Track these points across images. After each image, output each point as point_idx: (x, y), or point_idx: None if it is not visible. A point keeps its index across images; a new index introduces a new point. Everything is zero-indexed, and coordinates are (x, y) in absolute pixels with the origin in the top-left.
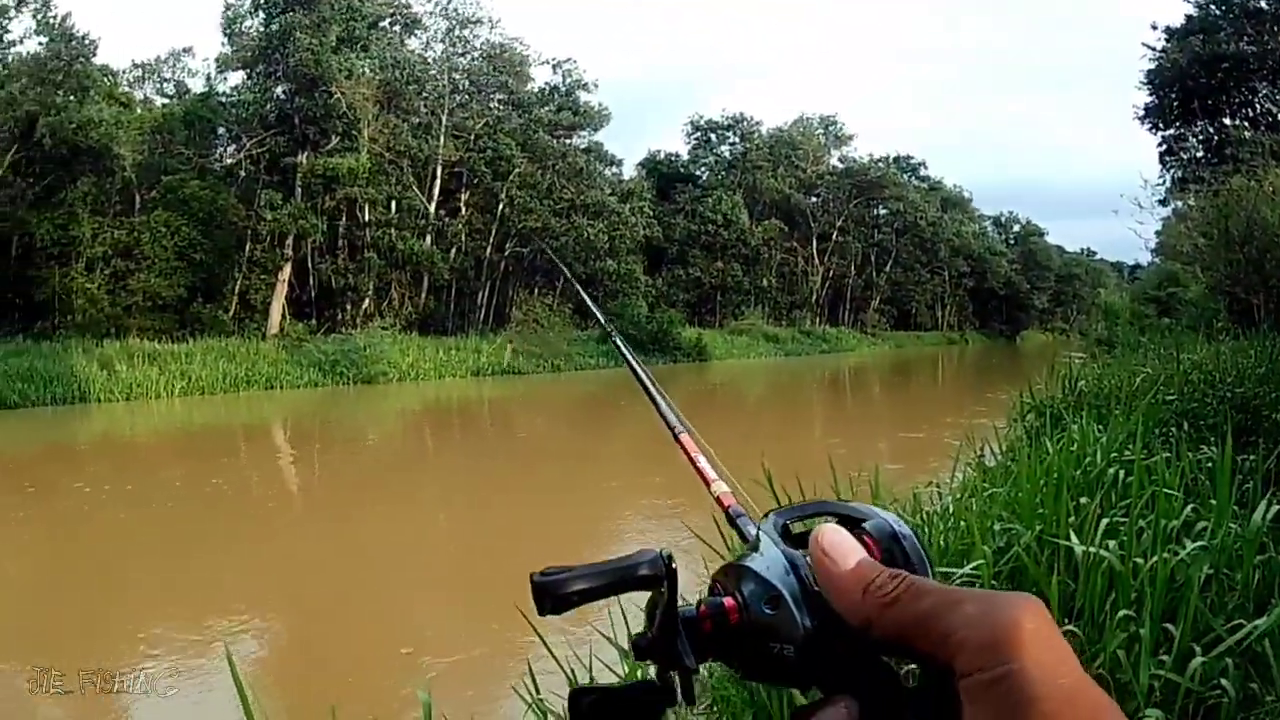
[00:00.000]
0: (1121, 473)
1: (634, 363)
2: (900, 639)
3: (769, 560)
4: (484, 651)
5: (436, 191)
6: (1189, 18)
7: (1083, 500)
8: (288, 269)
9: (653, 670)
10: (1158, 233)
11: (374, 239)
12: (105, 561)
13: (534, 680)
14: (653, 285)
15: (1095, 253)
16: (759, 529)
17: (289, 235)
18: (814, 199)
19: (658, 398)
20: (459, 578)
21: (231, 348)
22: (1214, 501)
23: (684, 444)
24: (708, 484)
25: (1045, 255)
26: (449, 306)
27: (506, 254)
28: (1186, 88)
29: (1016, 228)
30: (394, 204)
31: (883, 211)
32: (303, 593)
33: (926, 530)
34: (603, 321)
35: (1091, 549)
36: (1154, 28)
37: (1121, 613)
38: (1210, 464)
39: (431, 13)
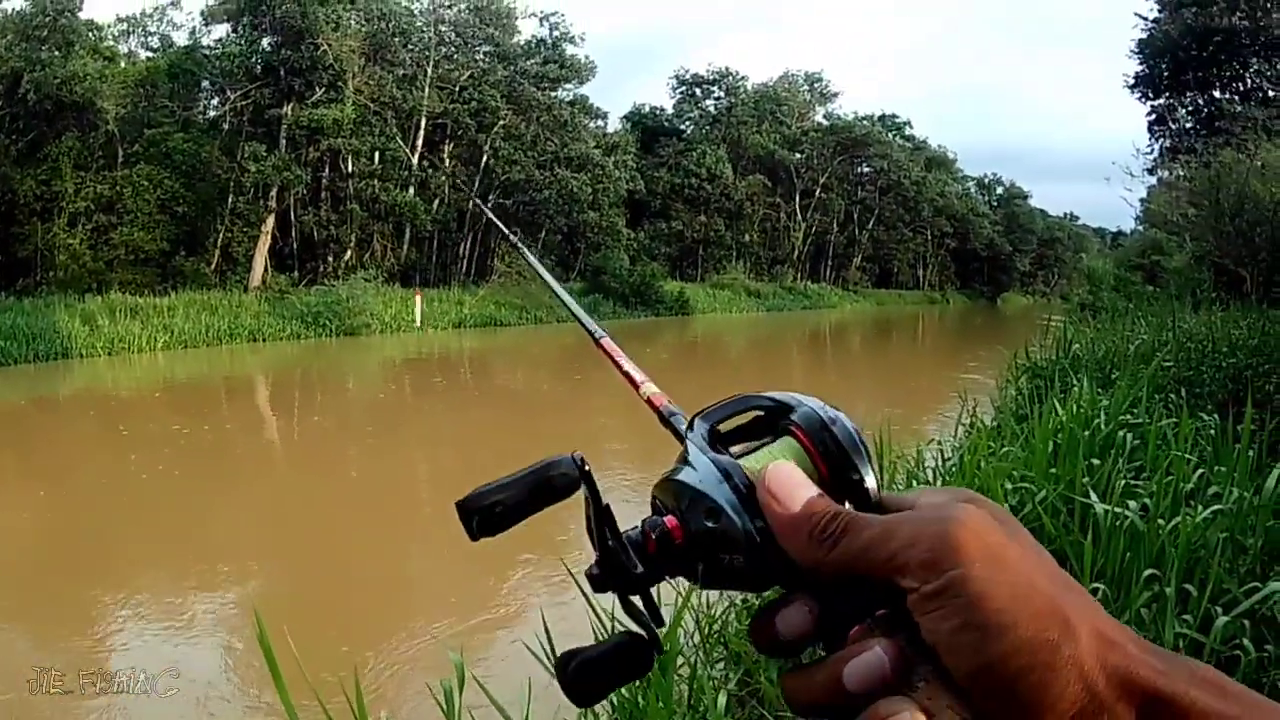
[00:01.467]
0: (1129, 436)
1: (543, 271)
2: (850, 573)
3: (701, 472)
4: (482, 602)
5: (420, 143)
6: None
7: (1094, 462)
8: (270, 221)
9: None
10: (1143, 200)
11: (357, 190)
12: (97, 518)
13: (549, 636)
14: (634, 238)
15: (1078, 218)
16: (686, 438)
17: (272, 187)
18: (798, 155)
19: (572, 304)
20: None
21: (214, 300)
22: (1220, 467)
23: (606, 348)
24: (636, 386)
25: (1028, 218)
26: (431, 258)
27: (489, 205)
28: (1178, 59)
29: (1000, 190)
30: (377, 155)
31: (866, 169)
32: (302, 547)
33: (937, 487)
34: (506, 232)
35: (1115, 509)
36: None
37: (1147, 572)
38: (1212, 431)
39: None
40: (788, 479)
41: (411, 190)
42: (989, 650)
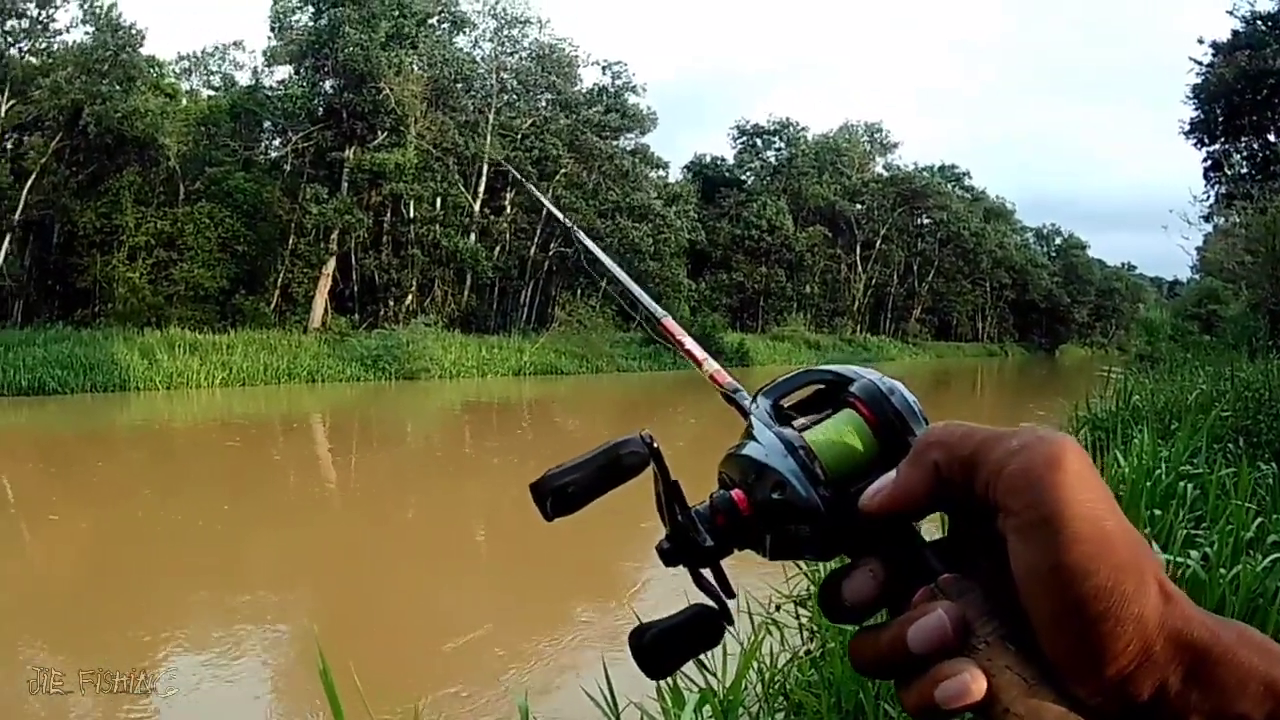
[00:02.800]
0: (1189, 486)
1: (599, 252)
2: (959, 475)
3: (766, 446)
4: (540, 643)
5: (482, 189)
6: (1235, 33)
7: (1156, 512)
8: (331, 263)
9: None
10: (1199, 248)
11: (418, 235)
12: (144, 550)
13: (609, 682)
14: (695, 289)
15: (1135, 267)
16: (750, 414)
17: (334, 230)
18: (858, 206)
19: (635, 287)
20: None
21: (273, 340)
22: (1278, 516)
23: (669, 328)
24: (699, 364)
25: (1086, 269)
26: (492, 305)
27: (550, 253)
28: (1232, 103)
29: (1058, 240)
30: (439, 201)
31: (926, 220)
32: (358, 583)
33: None
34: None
35: (1177, 558)
36: (1200, 42)
37: None
38: (1271, 480)
39: (480, 11)
40: (873, 485)
41: (473, 237)
42: (1071, 594)
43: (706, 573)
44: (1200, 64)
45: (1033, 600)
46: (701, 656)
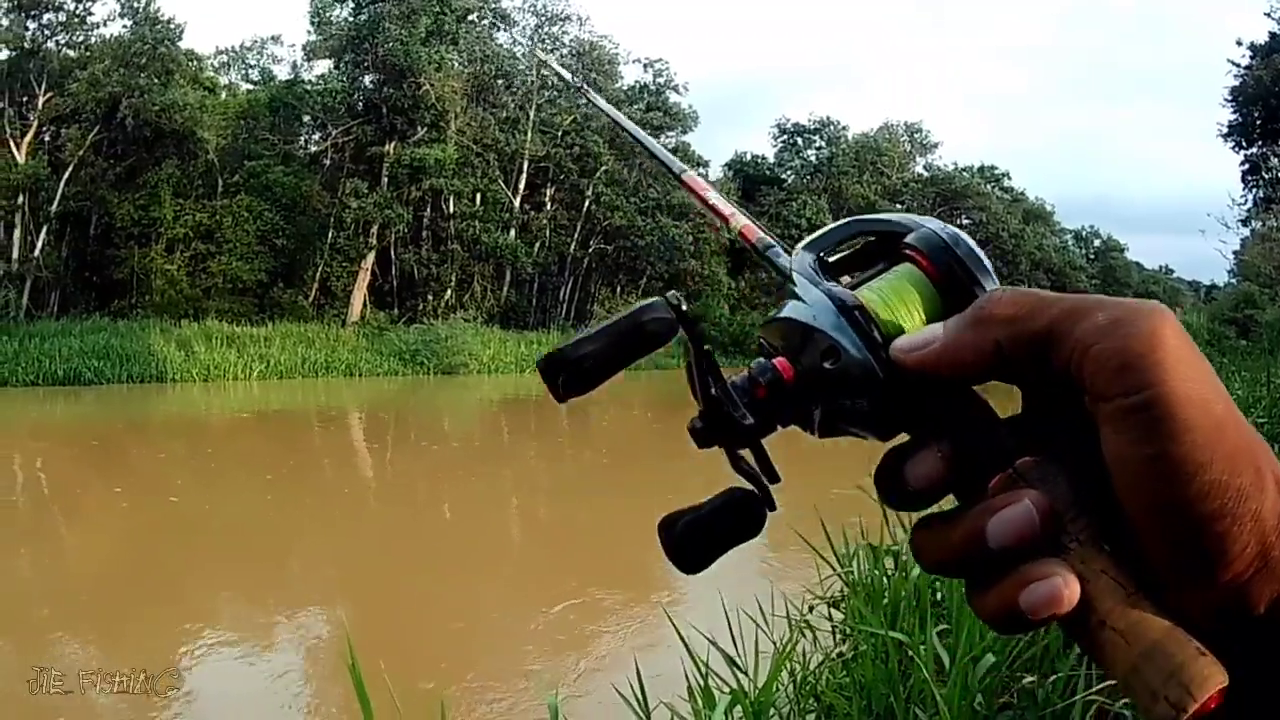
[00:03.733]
0: None
1: (611, 111)
2: (1029, 358)
3: (814, 306)
4: (570, 641)
5: (522, 186)
6: (1273, 35)
7: None
8: (371, 257)
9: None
10: (1236, 252)
11: (458, 230)
12: (177, 540)
13: (640, 680)
14: (735, 288)
15: (1173, 270)
16: (791, 268)
17: (373, 224)
18: (898, 206)
19: (650, 142)
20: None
21: (311, 333)
22: None
23: (689, 183)
24: (725, 220)
25: (1125, 272)
26: (531, 301)
27: (590, 250)
28: (1270, 106)
29: (1097, 243)
30: (479, 196)
31: (966, 221)
32: (388, 578)
33: None
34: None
35: None
36: (1239, 44)
37: None
38: None
39: (520, 8)
40: (911, 337)
41: (513, 233)
42: (1181, 488)
43: (745, 454)
44: (1238, 66)
45: (1132, 496)
46: (734, 656)
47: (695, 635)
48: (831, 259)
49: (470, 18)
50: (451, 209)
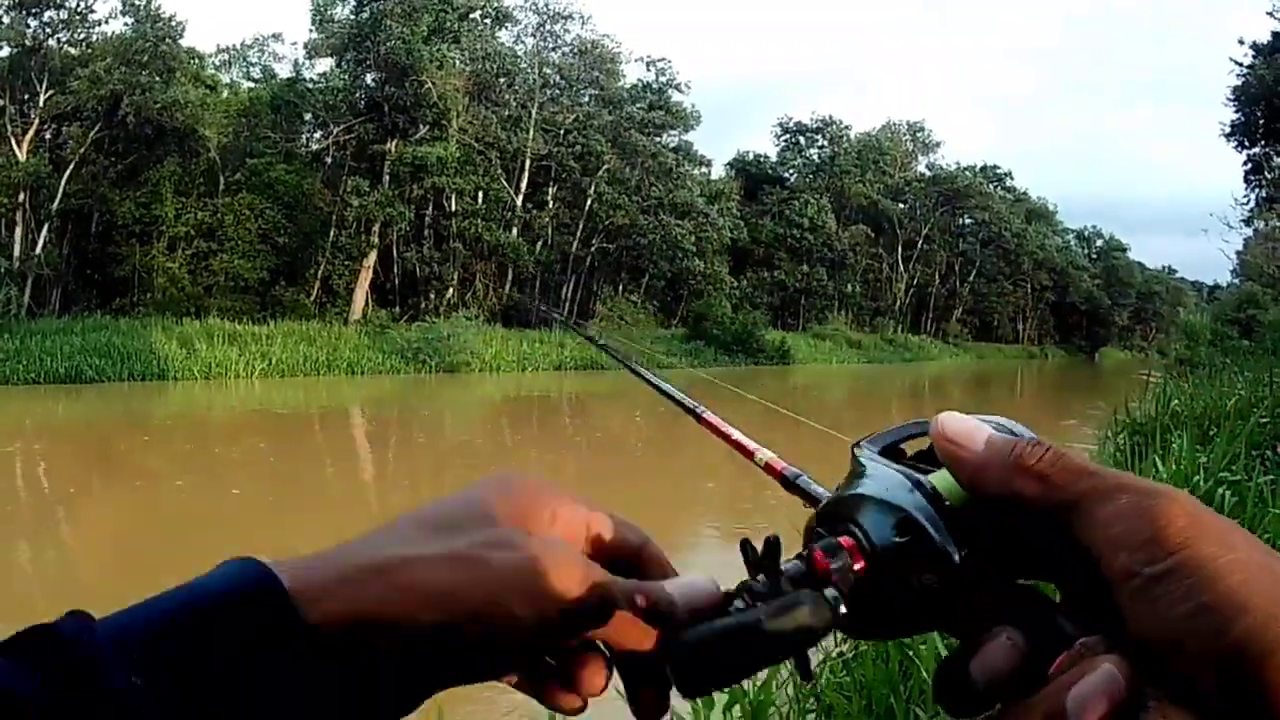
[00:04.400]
0: (1227, 494)
1: (623, 359)
2: (1048, 526)
3: (885, 481)
4: None
5: (524, 184)
6: (1276, 34)
7: None
8: (372, 256)
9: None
10: (1239, 252)
11: (460, 229)
12: (175, 539)
13: None
14: (737, 287)
15: (1176, 271)
16: (856, 454)
17: (375, 222)
18: (901, 206)
19: (664, 385)
20: None
21: (313, 331)
22: None
23: (710, 421)
24: (750, 455)
25: (1128, 272)
26: (533, 299)
27: (593, 249)
28: (1273, 105)
29: (1100, 243)
30: (481, 195)
31: (968, 221)
32: None
33: None
34: (593, 338)
35: None
36: (1241, 43)
37: None
38: None
39: (522, 6)
40: (964, 421)
41: (515, 231)
42: (1231, 632)
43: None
44: (1240, 65)
45: (1182, 655)
46: None
47: None
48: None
49: (471, 16)
50: (453, 207)
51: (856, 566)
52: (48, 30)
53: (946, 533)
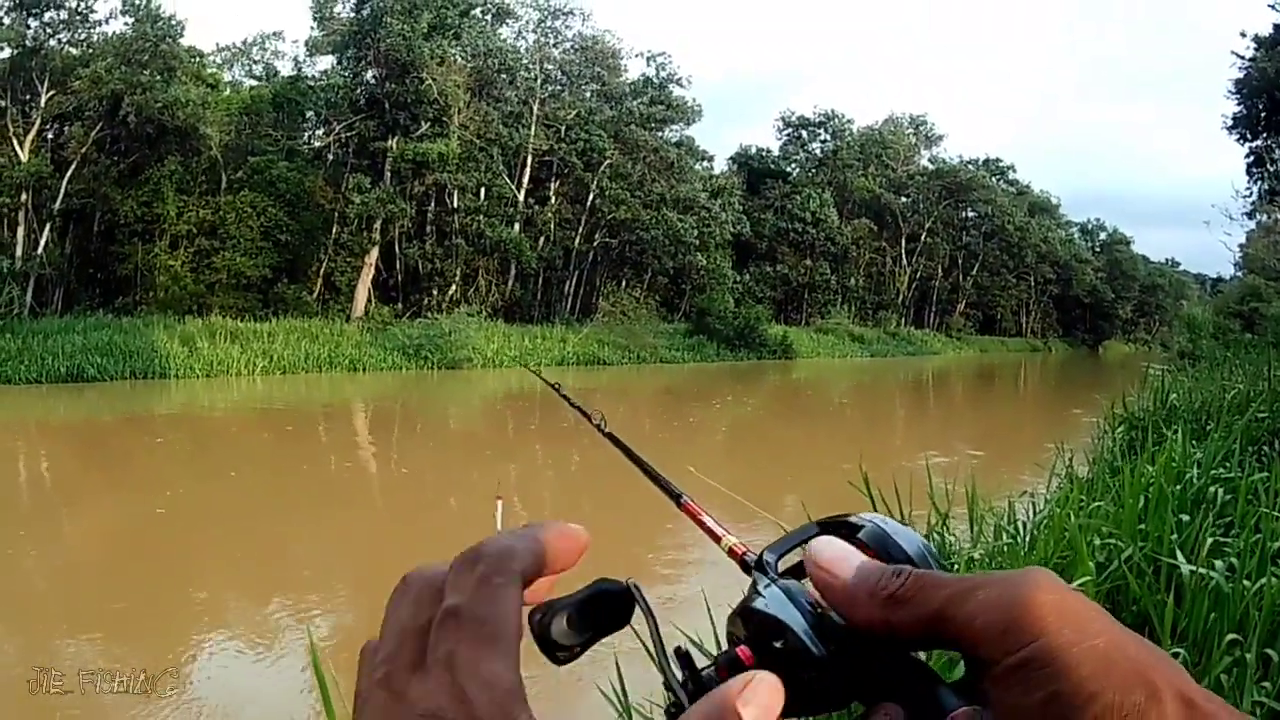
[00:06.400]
0: (1220, 490)
1: (629, 447)
2: (925, 636)
3: (768, 597)
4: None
5: (526, 180)
6: (1278, 27)
7: (1184, 518)
8: (374, 252)
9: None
10: (1241, 245)
11: (462, 225)
12: (178, 538)
13: (621, 681)
14: (740, 281)
15: (1179, 264)
16: (753, 572)
17: (377, 219)
18: (904, 199)
19: (647, 463)
20: None
21: (315, 328)
22: None
23: (688, 509)
24: (717, 539)
25: (1131, 265)
26: (535, 295)
27: (595, 244)
28: (1275, 98)
29: (1103, 235)
30: (483, 191)
31: (971, 214)
32: (381, 577)
33: (1025, 541)
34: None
35: (1200, 569)
36: (1243, 35)
37: (1229, 636)
38: None
39: (523, 3)
40: (834, 549)
41: (517, 227)
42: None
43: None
44: (1242, 58)
45: None
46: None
47: (678, 635)
48: (796, 556)
49: (472, 12)
50: (455, 203)
51: (749, 666)
52: (48, 31)
53: (814, 636)
